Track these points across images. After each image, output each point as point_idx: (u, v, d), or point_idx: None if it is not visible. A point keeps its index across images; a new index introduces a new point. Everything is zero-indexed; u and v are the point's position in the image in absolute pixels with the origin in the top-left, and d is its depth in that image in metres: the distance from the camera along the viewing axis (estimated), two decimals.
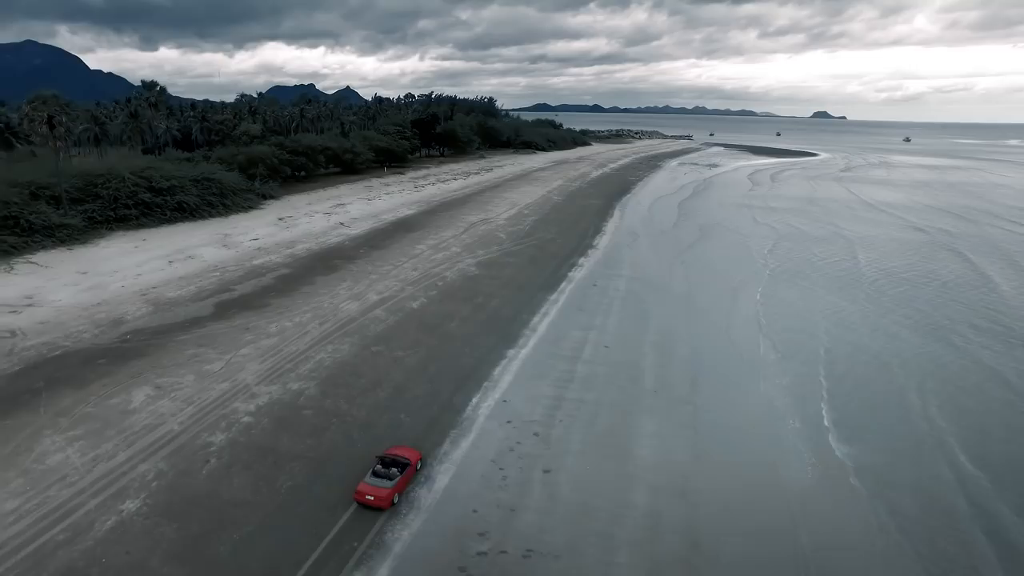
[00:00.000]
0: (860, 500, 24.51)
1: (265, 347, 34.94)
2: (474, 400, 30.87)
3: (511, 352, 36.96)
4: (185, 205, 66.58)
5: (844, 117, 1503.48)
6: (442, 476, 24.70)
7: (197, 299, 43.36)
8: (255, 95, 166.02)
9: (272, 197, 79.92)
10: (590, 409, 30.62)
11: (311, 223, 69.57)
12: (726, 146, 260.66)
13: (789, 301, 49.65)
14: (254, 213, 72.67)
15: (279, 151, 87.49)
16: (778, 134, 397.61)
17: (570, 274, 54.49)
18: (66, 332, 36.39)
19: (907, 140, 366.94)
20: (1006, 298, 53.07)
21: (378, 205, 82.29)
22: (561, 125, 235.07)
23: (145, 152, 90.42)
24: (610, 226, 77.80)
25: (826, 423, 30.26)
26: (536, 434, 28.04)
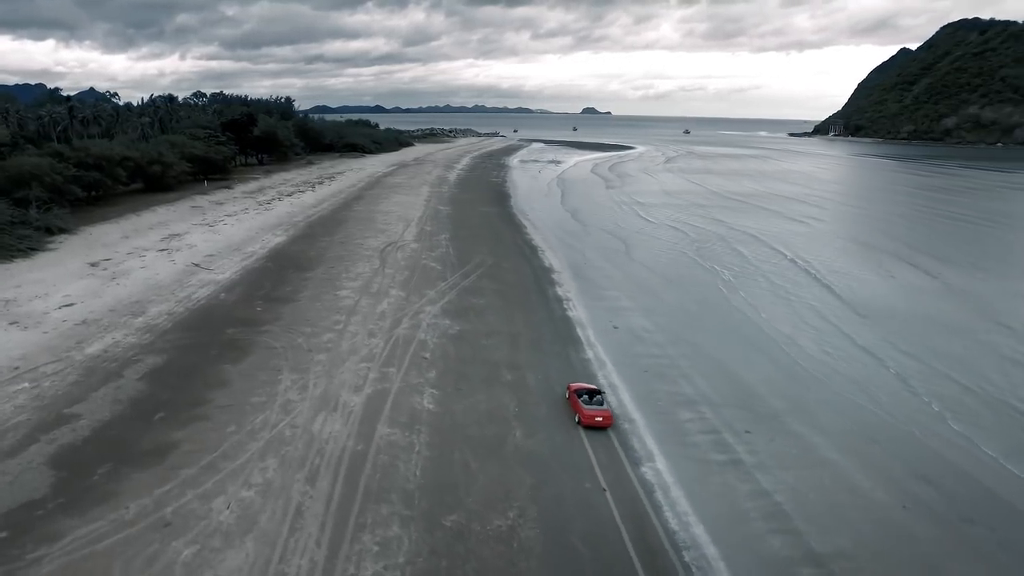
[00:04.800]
0: None
1: (236, 572, 16.83)
2: None
3: (647, 472, 23.11)
4: None
5: (609, 112, 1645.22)
6: None
7: (4, 455, 22.41)
8: None
9: (64, 230, 54.05)
10: None
11: (147, 267, 46.93)
12: (546, 142, 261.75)
13: (809, 322, 41.87)
14: (43, 258, 47.55)
15: (60, 164, 60.42)
16: (574, 129, 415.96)
17: (569, 315, 41.23)
18: None
19: (687, 132, 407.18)
20: (977, 294, 50.70)
21: (229, 233, 60.39)
22: (377, 125, 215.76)
23: None
24: (538, 239, 65.54)
25: None
26: None
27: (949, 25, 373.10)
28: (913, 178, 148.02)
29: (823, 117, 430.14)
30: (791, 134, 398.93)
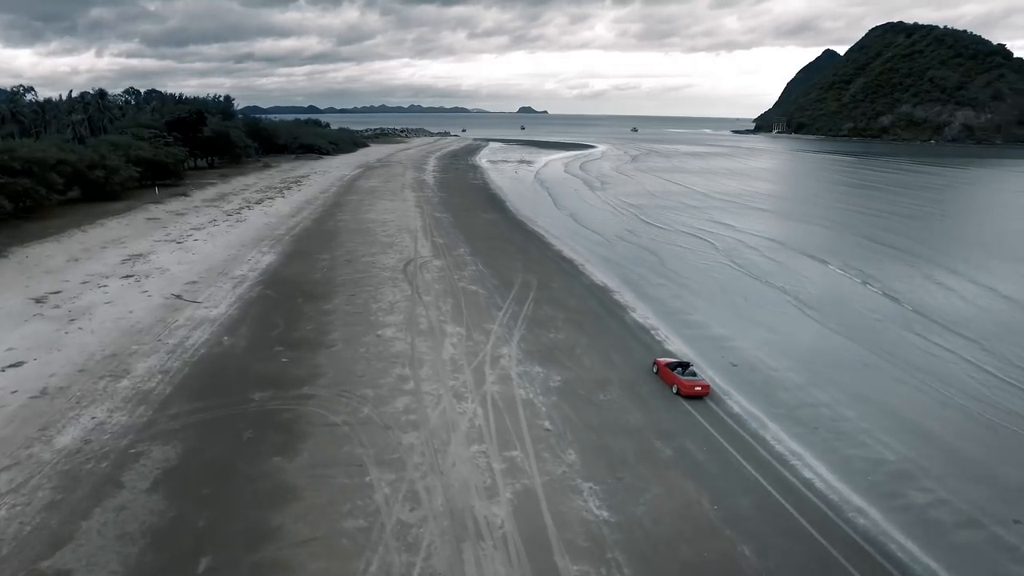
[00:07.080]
0: None
1: None
2: None
3: None
4: None
5: (546, 111, 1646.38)
6: None
7: None
8: None
9: None
10: None
11: (113, 302, 36.47)
12: (502, 142, 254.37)
13: (921, 347, 36.18)
14: None
15: None
16: (522, 128, 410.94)
17: (670, 350, 33.76)
18: None
19: (635, 130, 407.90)
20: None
21: (204, 251, 49.88)
22: (328, 125, 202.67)
23: None
24: (566, 251, 57.88)
25: None
26: None
27: (878, 28, 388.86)
28: (884, 175, 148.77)
29: (755, 115, 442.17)
30: (735, 131, 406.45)
